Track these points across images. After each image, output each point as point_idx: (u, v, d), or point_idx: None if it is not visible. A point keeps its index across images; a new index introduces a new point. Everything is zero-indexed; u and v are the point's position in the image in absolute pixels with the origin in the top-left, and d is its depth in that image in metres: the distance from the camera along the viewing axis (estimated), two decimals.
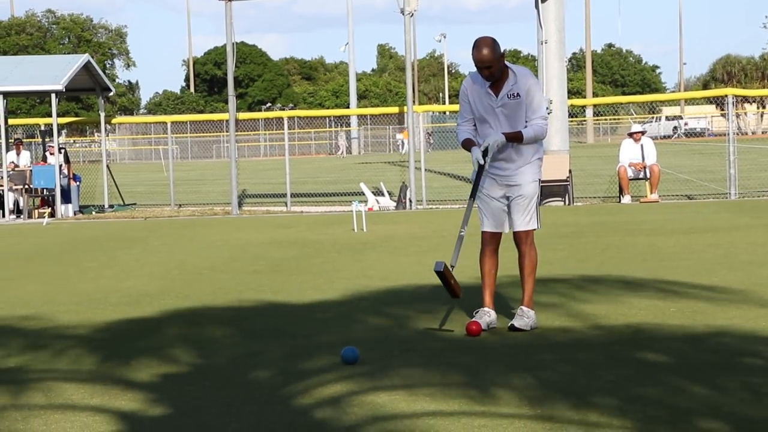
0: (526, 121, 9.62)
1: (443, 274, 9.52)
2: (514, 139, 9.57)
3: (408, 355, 8.74)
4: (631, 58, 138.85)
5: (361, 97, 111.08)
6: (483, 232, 9.90)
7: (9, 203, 29.60)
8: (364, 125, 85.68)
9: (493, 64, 9.42)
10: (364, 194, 29.50)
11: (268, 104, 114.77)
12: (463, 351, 8.91)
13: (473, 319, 9.58)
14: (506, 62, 9.63)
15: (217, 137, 74.61)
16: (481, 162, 9.60)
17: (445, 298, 11.54)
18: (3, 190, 29.52)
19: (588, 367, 8.15)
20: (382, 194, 30.58)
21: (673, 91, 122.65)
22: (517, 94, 9.54)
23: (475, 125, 9.82)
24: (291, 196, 31.52)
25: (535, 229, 9.94)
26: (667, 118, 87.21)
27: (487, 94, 9.62)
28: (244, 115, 44.19)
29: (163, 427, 6.89)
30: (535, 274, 9.94)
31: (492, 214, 9.80)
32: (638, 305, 10.85)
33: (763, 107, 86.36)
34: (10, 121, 36.04)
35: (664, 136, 76.36)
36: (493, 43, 9.43)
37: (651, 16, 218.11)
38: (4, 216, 29.31)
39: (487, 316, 9.65)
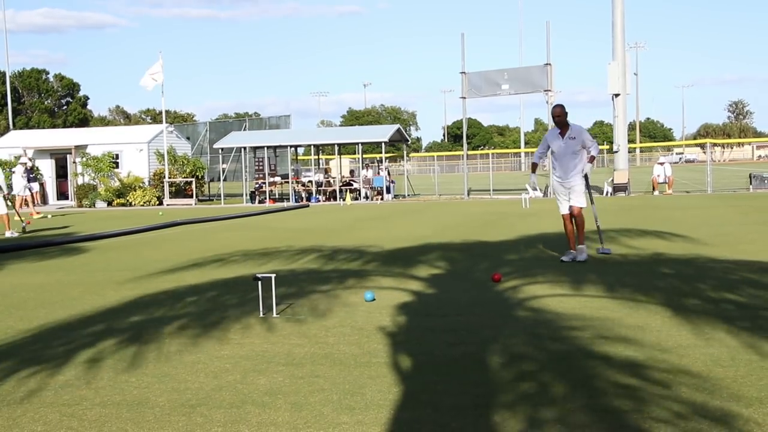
0: (588, 149, 9.03)
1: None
2: (591, 161, 9.05)
3: (547, 268, 8.50)
4: (658, 124, 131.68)
5: (526, 143, 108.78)
6: (564, 214, 9.23)
7: (363, 194, 30.20)
8: (528, 156, 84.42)
9: (562, 116, 9.04)
10: (527, 189, 29.02)
11: (481, 147, 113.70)
12: (574, 266, 8.62)
13: (563, 257, 9.05)
14: (568, 120, 9.10)
15: (457, 163, 74.34)
16: (536, 186, 9.56)
17: (565, 241, 11.17)
18: (360, 188, 30.20)
19: (634, 274, 7.78)
20: (536, 190, 30.00)
21: (679, 140, 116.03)
22: (574, 137, 9.05)
23: (545, 154, 9.34)
24: (492, 190, 31.19)
25: (583, 207, 9.19)
26: (677, 153, 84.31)
27: (557, 136, 9.13)
28: (470, 152, 43.84)
29: (434, 300, 6.89)
30: (584, 229, 9.16)
31: (565, 201, 9.18)
32: (659, 243, 10.40)
33: (723, 148, 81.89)
34: (364, 155, 36.77)
35: (675, 162, 73.36)
36: (562, 106, 9.10)
37: (669, 102, 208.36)
38: (360, 199, 29.90)
39: (570, 254, 9.07)
